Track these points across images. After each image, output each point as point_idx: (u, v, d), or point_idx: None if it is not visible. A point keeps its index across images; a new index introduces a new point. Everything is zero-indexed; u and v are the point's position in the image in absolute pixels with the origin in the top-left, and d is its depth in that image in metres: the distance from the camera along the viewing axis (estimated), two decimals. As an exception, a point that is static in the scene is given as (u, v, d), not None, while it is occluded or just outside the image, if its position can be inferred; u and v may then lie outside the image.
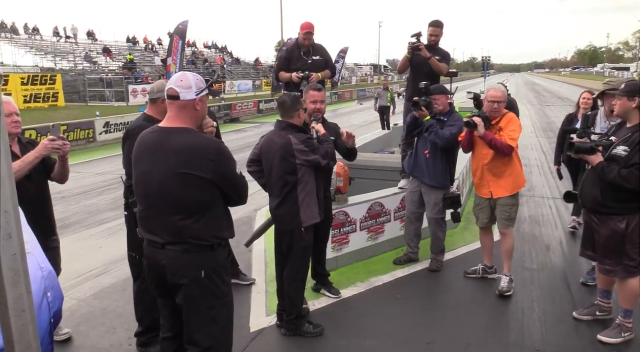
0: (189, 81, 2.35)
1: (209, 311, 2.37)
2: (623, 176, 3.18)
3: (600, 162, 3.31)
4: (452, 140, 4.48)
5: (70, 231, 6.26)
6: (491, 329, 3.76)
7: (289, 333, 3.65)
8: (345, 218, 4.83)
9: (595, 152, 3.35)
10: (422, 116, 4.54)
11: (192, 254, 2.32)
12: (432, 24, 5.44)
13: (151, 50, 40.53)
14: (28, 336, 1.16)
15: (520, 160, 4.30)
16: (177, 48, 19.13)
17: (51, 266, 1.88)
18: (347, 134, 3.93)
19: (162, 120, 3.04)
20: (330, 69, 5.30)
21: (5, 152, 1.11)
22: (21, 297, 1.14)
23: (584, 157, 3.46)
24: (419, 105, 4.50)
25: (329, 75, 5.24)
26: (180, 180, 2.27)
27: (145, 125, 3.03)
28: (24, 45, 33.28)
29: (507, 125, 4.12)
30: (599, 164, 3.31)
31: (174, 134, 2.33)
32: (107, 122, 14.81)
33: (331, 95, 30.31)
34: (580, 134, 3.55)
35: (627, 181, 3.18)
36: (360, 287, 4.50)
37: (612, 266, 3.43)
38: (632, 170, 3.16)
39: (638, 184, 3.15)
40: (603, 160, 3.31)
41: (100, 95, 27.01)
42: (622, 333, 3.46)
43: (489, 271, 4.58)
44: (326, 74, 5.19)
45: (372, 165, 6.44)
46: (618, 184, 3.21)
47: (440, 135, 4.47)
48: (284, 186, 3.45)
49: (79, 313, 4.06)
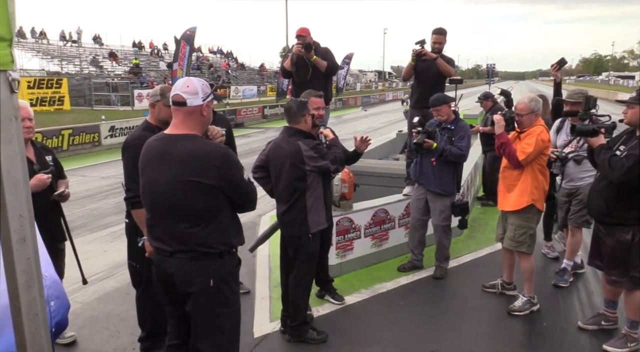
0: (195, 87, 2.33)
1: (216, 320, 2.35)
2: (611, 161, 3.18)
3: (602, 144, 3.29)
4: (467, 153, 4.53)
5: (74, 234, 6.17)
6: (495, 338, 3.74)
7: (292, 339, 3.64)
8: (350, 224, 4.83)
9: (597, 134, 3.32)
10: (429, 146, 4.51)
11: (200, 262, 2.30)
12: (435, 31, 5.45)
13: (156, 54, 40.72)
14: (40, 340, 1.16)
15: (540, 181, 3.94)
16: (183, 53, 19.20)
17: (56, 275, 1.88)
18: (361, 139, 3.83)
19: (159, 126, 3.09)
20: (330, 68, 5.19)
21: (21, 158, 1.12)
22: (34, 301, 1.15)
23: (586, 140, 3.45)
24: (420, 145, 4.48)
25: (324, 65, 5.09)
26: (187, 187, 2.25)
27: (144, 134, 3.03)
28: (31, 49, 33.48)
29: (525, 137, 3.91)
30: (599, 145, 3.29)
31: (179, 140, 2.31)
32: (113, 126, 14.86)
33: (335, 102, 30.32)
34: (582, 115, 3.53)
35: (611, 167, 3.18)
36: (364, 293, 4.49)
37: (618, 277, 3.41)
38: (620, 158, 3.16)
39: (619, 174, 3.15)
40: (605, 143, 3.29)
41: (106, 99, 27.11)
42: (628, 343, 3.44)
43: (507, 287, 4.40)
44: (321, 63, 5.07)
45: (377, 172, 6.44)
46: (605, 168, 3.21)
47: (456, 155, 4.52)
48: (293, 192, 3.45)
49: (82, 317, 4.07)
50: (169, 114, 3.07)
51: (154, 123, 3.15)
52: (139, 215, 3.03)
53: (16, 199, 1.12)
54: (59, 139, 12.79)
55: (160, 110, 3.11)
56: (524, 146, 3.87)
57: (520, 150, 3.86)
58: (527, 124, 3.95)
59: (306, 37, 5.06)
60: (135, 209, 3.04)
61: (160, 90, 3.15)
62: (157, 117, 3.15)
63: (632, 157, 3.13)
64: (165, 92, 3.08)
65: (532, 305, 4.07)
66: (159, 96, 3.11)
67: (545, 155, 4.00)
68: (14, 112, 1.12)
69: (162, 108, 3.09)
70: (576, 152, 4.33)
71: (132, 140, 3.10)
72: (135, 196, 2.99)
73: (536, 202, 3.97)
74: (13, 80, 1.13)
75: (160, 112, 3.11)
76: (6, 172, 1.09)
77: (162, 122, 3.12)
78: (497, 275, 4.55)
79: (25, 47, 32.95)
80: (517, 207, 3.98)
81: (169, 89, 3.11)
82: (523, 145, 3.88)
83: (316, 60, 5.04)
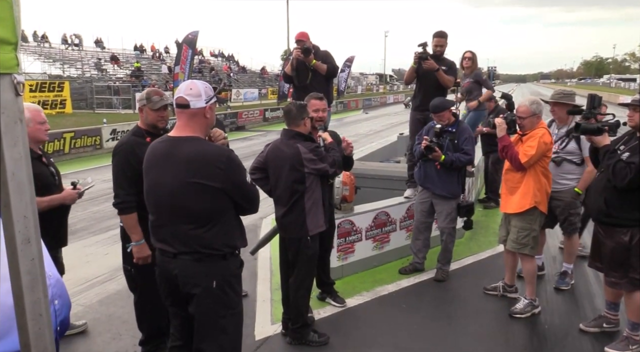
0: (198, 89, 2.35)
1: (219, 321, 2.37)
2: (616, 168, 3.17)
3: (607, 145, 3.28)
4: (474, 155, 4.58)
5: (76, 237, 6.28)
6: (497, 340, 3.74)
7: (294, 341, 3.65)
8: (351, 227, 4.84)
9: (601, 132, 3.30)
10: (437, 158, 4.50)
11: (204, 264, 2.32)
12: (436, 34, 5.47)
13: (158, 58, 40.82)
14: (44, 340, 1.17)
15: (543, 183, 3.93)
16: (185, 57, 19.28)
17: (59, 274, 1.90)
18: (347, 142, 3.88)
19: (149, 130, 3.12)
20: (330, 71, 5.21)
21: (26, 160, 1.13)
22: (38, 302, 1.16)
23: (590, 138, 3.43)
24: (432, 149, 4.47)
25: (324, 69, 5.11)
26: (191, 189, 2.27)
27: (132, 139, 3.09)
28: (33, 53, 33.59)
29: (527, 139, 3.92)
30: (604, 147, 3.28)
31: (183, 142, 2.33)
32: (114, 129, 14.90)
33: (337, 104, 30.36)
34: (586, 114, 3.52)
35: (615, 174, 3.18)
36: (366, 296, 4.49)
37: (618, 279, 3.42)
38: (625, 166, 3.15)
39: (622, 184, 3.16)
40: (609, 144, 3.29)
41: (108, 102, 27.17)
42: (630, 345, 3.43)
43: (509, 290, 4.40)
44: (321, 66, 5.09)
45: (378, 174, 6.45)
46: (608, 174, 3.21)
47: (465, 161, 4.55)
48: (292, 194, 3.46)
49: (84, 319, 4.06)
50: (156, 117, 3.12)
51: (144, 127, 3.17)
52: (127, 220, 3.06)
53: (21, 200, 1.14)
54: (60, 142, 12.83)
55: (147, 114, 3.14)
56: (526, 149, 3.86)
57: (522, 153, 3.86)
58: (529, 127, 3.96)
59: (305, 41, 5.08)
60: (123, 215, 3.06)
61: (146, 94, 3.17)
62: (145, 122, 3.17)
63: (635, 167, 3.13)
64: (151, 96, 3.11)
65: (534, 307, 4.07)
66: (145, 100, 3.13)
67: (548, 158, 3.99)
68: (19, 115, 1.14)
69: (149, 112, 3.12)
70: (557, 153, 4.28)
71: (120, 146, 3.13)
72: (123, 201, 3.03)
73: (539, 205, 3.96)
74: (18, 83, 1.14)
75: (148, 116, 3.14)
76: (11, 174, 1.11)
77: (151, 126, 3.15)
78: (498, 277, 4.55)
79: (28, 51, 33.04)
80: (520, 209, 3.98)
81: (155, 93, 3.16)
82: (525, 148, 3.87)
83: (316, 65, 5.06)
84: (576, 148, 4.23)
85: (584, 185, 4.18)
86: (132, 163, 2.98)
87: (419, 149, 4.62)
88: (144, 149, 2.99)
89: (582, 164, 4.24)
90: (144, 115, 3.16)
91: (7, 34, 1.11)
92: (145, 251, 3.04)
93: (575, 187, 4.26)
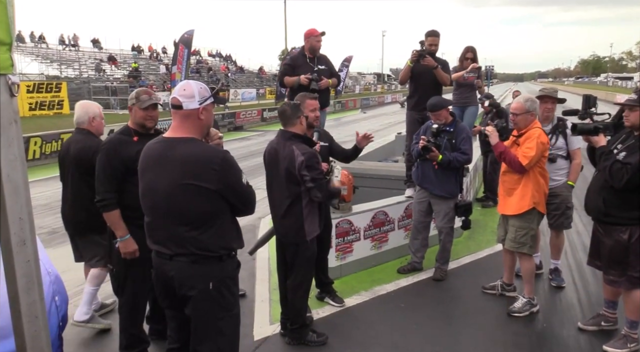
0: (191, 90, 2.32)
1: (217, 323, 2.35)
2: (613, 170, 3.18)
3: (603, 146, 3.28)
4: (472, 154, 4.58)
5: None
6: (495, 339, 3.74)
7: (292, 342, 3.64)
8: (349, 226, 4.84)
9: (598, 132, 3.30)
10: (434, 158, 4.49)
11: (200, 265, 2.30)
12: (429, 33, 5.48)
13: (156, 58, 40.80)
14: (40, 342, 1.17)
15: (541, 184, 3.92)
16: (182, 56, 19.27)
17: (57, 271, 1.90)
18: (364, 135, 4.10)
19: (137, 129, 3.15)
20: (335, 77, 5.35)
21: (21, 161, 1.13)
22: (34, 303, 1.15)
23: (587, 139, 3.44)
24: (429, 149, 4.47)
25: (337, 83, 5.32)
26: (186, 191, 2.25)
27: (117, 138, 3.13)
28: (30, 53, 33.53)
29: (524, 141, 3.88)
30: (601, 147, 3.29)
31: (178, 144, 2.31)
32: (112, 130, 14.84)
33: (334, 104, 30.36)
34: (582, 115, 3.52)
35: (612, 175, 3.19)
36: (364, 295, 4.49)
37: (616, 277, 3.42)
38: (621, 168, 3.16)
39: (619, 184, 3.17)
40: (606, 145, 3.29)
41: (105, 102, 27.14)
42: (628, 344, 3.44)
43: (507, 289, 4.40)
44: (334, 82, 5.26)
45: (376, 174, 6.45)
46: (605, 175, 3.23)
47: (463, 161, 4.55)
48: (288, 197, 3.43)
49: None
50: (144, 116, 3.15)
51: (132, 127, 3.20)
52: (109, 217, 3.10)
53: (16, 202, 1.13)
54: (58, 143, 12.80)
55: (136, 113, 3.17)
56: (525, 151, 3.83)
57: (522, 155, 3.84)
58: (523, 125, 3.94)
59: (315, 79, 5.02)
60: (105, 212, 3.09)
61: (135, 94, 3.21)
62: (134, 120, 3.20)
63: (631, 168, 3.14)
64: (140, 95, 3.17)
65: (532, 306, 4.07)
66: (134, 100, 3.17)
67: (545, 158, 3.98)
68: (14, 116, 1.13)
69: (137, 111, 3.16)
70: (549, 150, 4.31)
71: (104, 144, 3.17)
72: (103, 199, 3.06)
73: (537, 205, 3.95)
74: (13, 84, 1.13)
75: (136, 114, 3.17)
76: (6, 176, 1.10)
77: (139, 125, 3.19)
78: (496, 276, 4.55)
79: (25, 52, 32.99)
80: (519, 211, 3.97)
81: (144, 92, 3.21)
82: (524, 150, 3.84)
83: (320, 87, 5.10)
84: (564, 143, 4.36)
85: (575, 176, 4.37)
86: (112, 162, 3.04)
87: (416, 148, 4.61)
88: (129, 148, 3.02)
89: (568, 157, 4.38)
90: (133, 115, 3.19)
91: (1, 34, 1.11)
92: (131, 245, 3.08)
93: (567, 180, 4.38)
